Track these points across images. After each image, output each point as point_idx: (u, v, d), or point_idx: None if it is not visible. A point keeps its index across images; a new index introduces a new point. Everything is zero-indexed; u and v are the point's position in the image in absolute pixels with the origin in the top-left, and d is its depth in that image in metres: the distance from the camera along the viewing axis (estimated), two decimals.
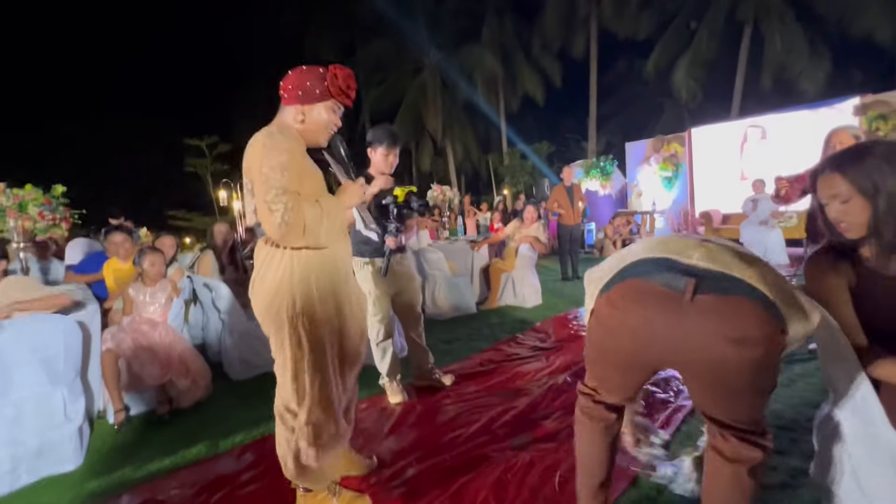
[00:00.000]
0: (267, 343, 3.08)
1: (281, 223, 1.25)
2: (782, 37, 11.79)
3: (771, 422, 2.04)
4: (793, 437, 1.90)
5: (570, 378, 2.73)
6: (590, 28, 15.56)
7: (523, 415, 2.30)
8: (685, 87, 13.36)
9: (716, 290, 1.00)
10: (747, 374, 1.00)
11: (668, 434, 1.99)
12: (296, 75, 1.42)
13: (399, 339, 3.39)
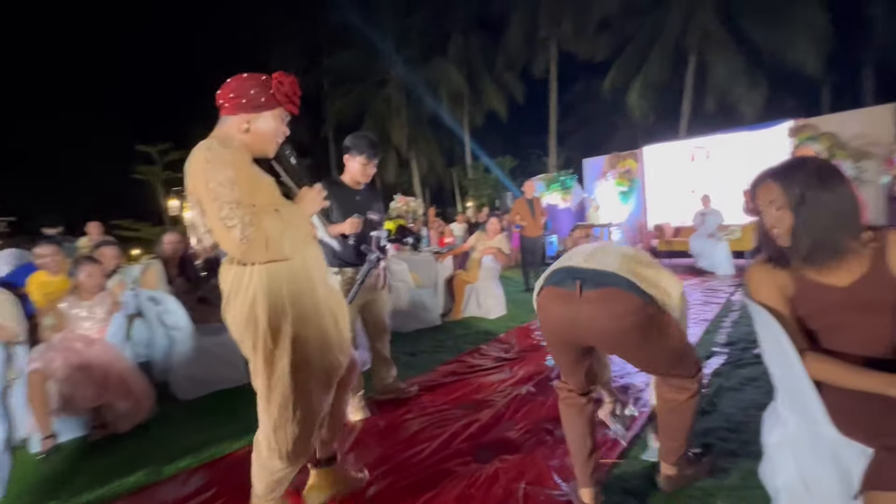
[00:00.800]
0: (220, 358, 2.97)
1: (242, 238, 1.17)
2: (724, 64, 12.72)
3: (721, 424, 2.12)
4: (744, 440, 1.98)
5: (533, 388, 2.73)
6: (550, 49, 16.18)
7: (487, 427, 2.27)
8: (638, 107, 14.09)
9: (595, 284, 1.40)
10: (634, 336, 1.39)
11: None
12: (237, 83, 1.32)
13: (362, 352, 3.30)
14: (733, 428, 2.09)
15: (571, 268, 1.47)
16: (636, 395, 2.52)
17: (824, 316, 1.18)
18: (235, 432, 2.33)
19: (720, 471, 1.75)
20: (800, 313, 1.21)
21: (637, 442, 2.03)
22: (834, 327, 1.18)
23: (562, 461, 1.91)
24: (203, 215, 1.24)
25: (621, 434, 2.06)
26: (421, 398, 2.69)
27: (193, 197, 1.24)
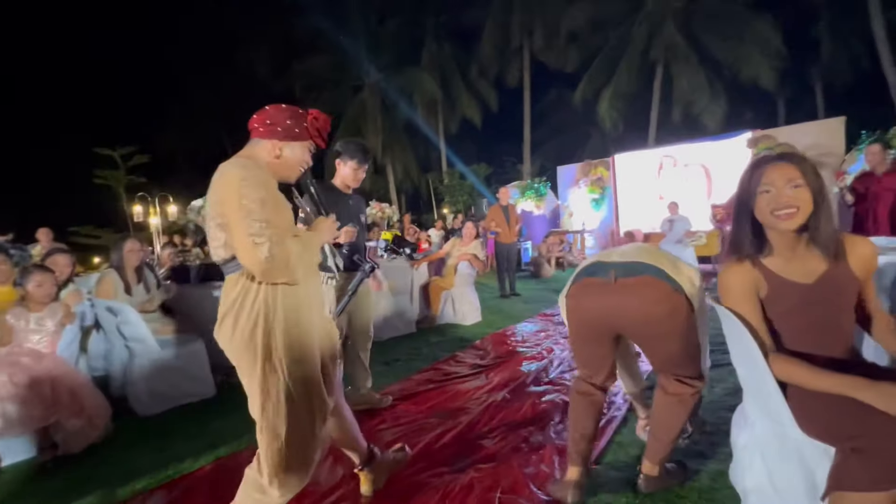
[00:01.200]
0: (183, 372, 2.83)
1: (268, 257, 1.20)
2: (687, 77, 13.28)
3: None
4: (712, 441, 2.02)
5: (508, 395, 2.72)
6: (523, 58, 16.49)
7: (462, 435, 2.24)
8: (608, 117, 14.51)
9: (628, 273, 1.56)
10: (664, 323, 1.53)
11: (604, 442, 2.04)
12: (275, 111, 1.41)
13: None
14: (702, 430, 2.13)
15: (600, 262, 1.65)
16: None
17: (791, 315, 1.22)
18: (199, 449, 2.22)
19: (691, 472, 1.78)
20: (769, 314, 1.24)
21: (610, 447, 2.04)
22: (799, 328, 1.21)
23: (537, 468, 1.89)
24: (222, 229, 1.26)
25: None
26: (395, 407, 2.64)
27: (218, 210, 1.26)
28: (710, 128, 12.88)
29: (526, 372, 3.12)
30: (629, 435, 2.14)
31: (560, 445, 2.07)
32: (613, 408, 2.43)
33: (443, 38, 17.65)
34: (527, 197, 10.30)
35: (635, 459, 1.88)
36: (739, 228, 1.23)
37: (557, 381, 2.92)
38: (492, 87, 17.54)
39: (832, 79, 15.13)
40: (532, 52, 16.20)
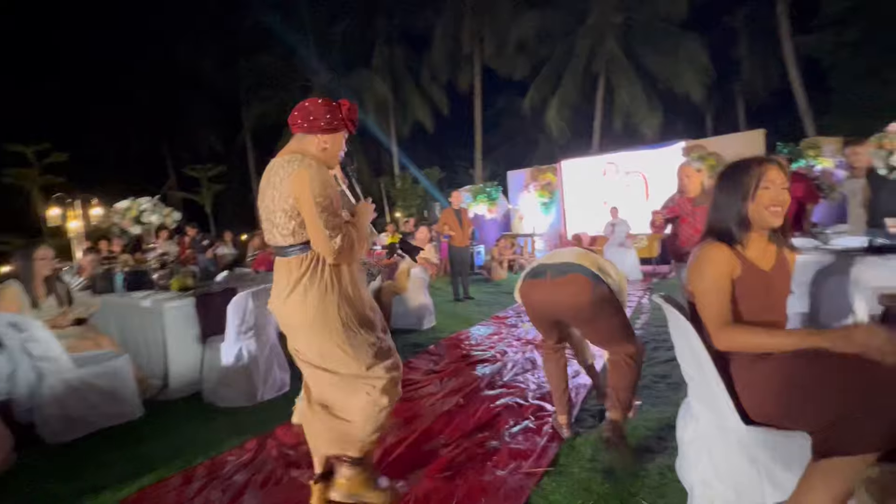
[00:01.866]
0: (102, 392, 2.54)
1: (341, 247, 1.45)
2: (627, 89, 14.07)
3: (637, 423, 2.22)
4: (660, 436, 2.08)
5: (462, 400, 2.68)
6: (474, 65, 16.72)
7: (416, 445, 2.17)
8: (555, 124, 15.04)
9: (559, 273, 1.99)
10: (590, 309, 1.93)
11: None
12: (313, 106, 1.53)
13: (280, 373, 3.03)
14: (649, 426, 2.20)
15: (542, 264, 2.10)
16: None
17: (753, 297, 1.31)
18: (120, 478, 1.99)
19: (640, 470, 1.82)
20: (735, 294, 1.31)
21: (563, 450, 2.05)
22: (755, 309, 1.31)
23: (493, 476, 1.86)
24: (292, 218, 1.46)
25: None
26: None
27: (289, 202, 1.44)
28: (648, 137, 13.70)
29: (480, 376, 3.10)
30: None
31: (516, 449, 2.05)
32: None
33: (394, 42, 17.51)
34: (479, 201, 10.40)
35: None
36: (729, 217, 1.33)
37: (511, 384, 2.92)
38: (443, 92, 17.61)
39: (751, 95, 16.64)
40: (483, 59, 16.47)
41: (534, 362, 3.33)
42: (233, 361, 2.79)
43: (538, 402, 2.57)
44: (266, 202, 1.50)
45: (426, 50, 17.05)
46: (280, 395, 2.95)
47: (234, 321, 2.77)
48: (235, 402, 2.80)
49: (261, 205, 1.52)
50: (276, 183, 1.46)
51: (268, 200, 1.49)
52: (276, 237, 1.50)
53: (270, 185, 1.48)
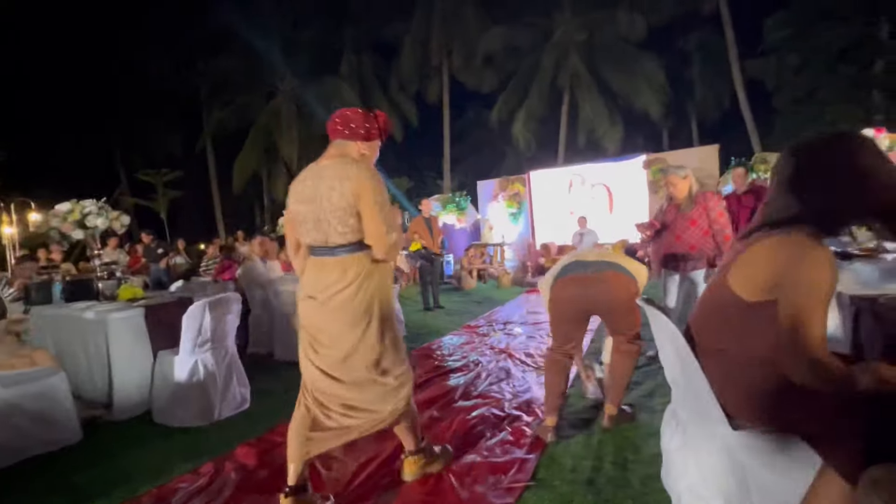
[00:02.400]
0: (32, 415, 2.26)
1: (394, 243, 1.59)
2: (590, 104, 14.59)
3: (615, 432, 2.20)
4: (636, 445, 2.06)
5: (436, 412, 2.58)
6: (442, 76, 16.88)
7: (388, 462, 2.04)
8: (522, 137, 15.36)
9: (600, 269, 2.14)
10: (626, 303, 2.09)
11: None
12: (354, 115, 1.65)
13: (240, 388, 2.83)
14: (627, 435, 2.17)
15: (578, 262, 2.21)
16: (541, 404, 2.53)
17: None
18: None
19: (622, 480, 1.78)
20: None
21: (543, 462, 1.99)
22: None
23: (471, 491, 1.77)
24: (349, 216, 1.54)
25: (597, 394, 2.59)
26: None
27: (350, 201, 1.52)
28: (610, 150, 14.21)
29: (454, 386, 3.01)
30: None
31: (495, 463, 1.97)
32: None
33: (362, 50, 17.44)
34: (448, 210, 10.39)
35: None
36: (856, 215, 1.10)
37: (486, 394, 2.85)
38: (412, 102, 17.66)
39: (704, 113, 17.65)
40: (451, 71, 16.66)
41: (508, 371, 3.27)
42: (187, 377, 2.58)
43: (515, 413, 2.50)
44: (320, 202, 1.54)
45: (395, 60, 17.07)
46: (240, 413, 2.75)
47: (190, 333, 2.56)
48: (190, 422, 2.57)
49: (301, 206, 1.60)
50: (335, 184, 1.52)
51: (323, 201, 1.54)
52: (331, 236, 1.56)
53: (327, 187, 1.53)
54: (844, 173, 1.03)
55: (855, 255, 2.43)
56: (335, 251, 1.57)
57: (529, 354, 3.65)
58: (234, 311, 2.78)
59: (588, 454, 2.00)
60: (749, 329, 1.12)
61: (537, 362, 3.44)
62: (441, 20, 15.48)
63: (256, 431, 2.44)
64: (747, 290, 1.08)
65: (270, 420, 2.58)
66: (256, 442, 2.32)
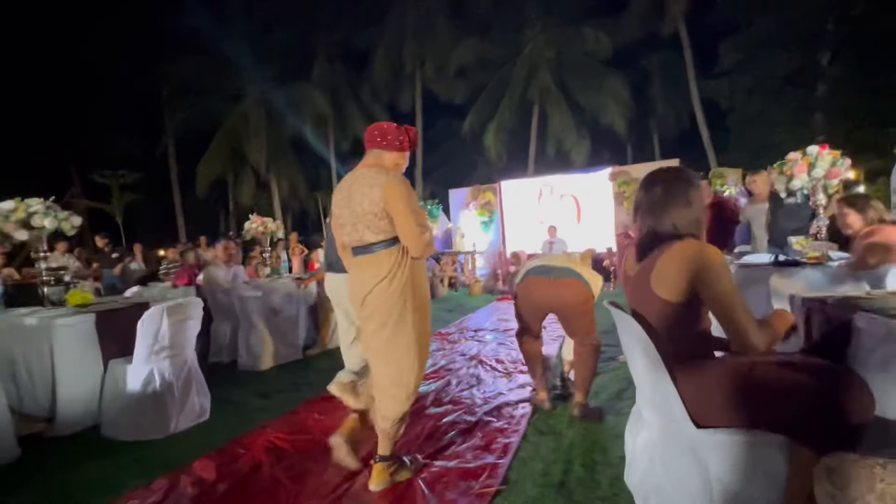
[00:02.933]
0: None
1: (427, 243, 1.75)
2: (559, 118, 15.01)
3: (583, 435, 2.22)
4: (603, 447, 2.09)
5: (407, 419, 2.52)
6: (415, 86, 16.97)
7: (357, 470, 1.98)
8: (494, 148, 15.59)
9: (561, 275, 2.39)
10: (579, 307, 2.39)
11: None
12: (389, 128, 1.84)
13: (199, 399, 2.69)
14: (594, 437, 2.20)
15: (544, 266, 2.46)
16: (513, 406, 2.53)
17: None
18: None
19: (590, 482, 1.80)
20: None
21: (514, 466, 1.99)
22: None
23: (441, 498, 1.74)
24: (381, 218, 1.71)
25: (558, 387, 2.80)
26: (276, 446, 2.26)
27: (381, 206, 1.69)
28: (578, 162, 14.63)
29: (425, 393, 2.97)
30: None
31: (466, 468, 1.95)
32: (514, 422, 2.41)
33: (335, 57, 17.33)
34: None
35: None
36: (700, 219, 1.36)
37: (457, 400, 2.83)
38: (385, 111, 17.64)
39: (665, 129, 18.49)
40: (424, 82, 16.77)
41: (479, 378, 3.27)
42: (141, 387, 2.43)
43: (486, 418, 2.49)
44: (353, 207, 1.74)
45: (367, 68, 17.04)
46: (199, 424, 2.61)
47: (146, 340, 2.42)
48: (143, 435, 2.42)
49: (341, 210, 1.80)
50: (366, 191, 1.71)
51: (355, 205, 1.73)
52: (365, 235, 1.75)
53: (359, 193, 1.73)
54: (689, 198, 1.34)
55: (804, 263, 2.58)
56: (370, 248, 1.75)
57: (500, 361, 3.66)
58: (194, 316, 2.66)
59: (558, 457, 2.01)
60: (683, 324, 1.27)
61: (508, 368, 3.45)
62: (414, 31, 15.61)
63: (216, 443, 2.32)
64: (671, 292, 1.25)
65: (231, 431, 2.46)
66: (216, 454, 2.20)
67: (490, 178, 15.29)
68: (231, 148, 16.24)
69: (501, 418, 2.49)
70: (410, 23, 15.60)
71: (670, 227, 1.31)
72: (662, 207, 1.32)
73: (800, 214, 3.64)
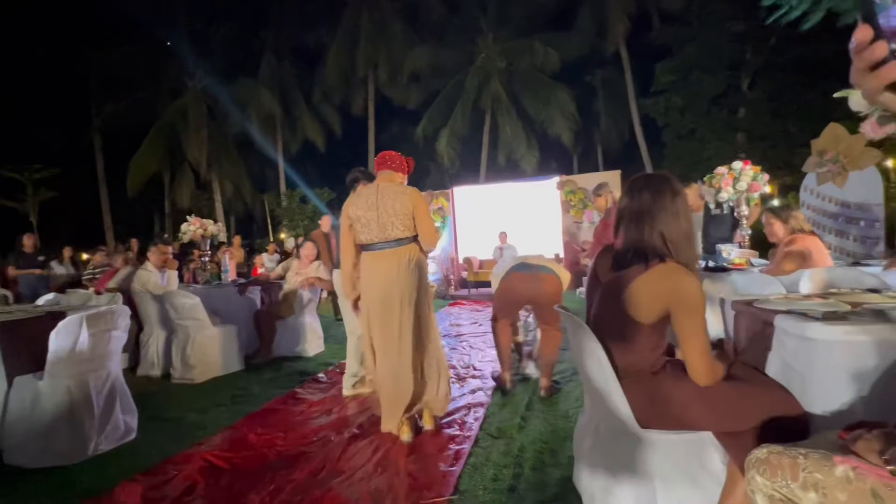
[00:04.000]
0: None
1: (439, 237, 2.17)
2: (510, 127, 15.43)
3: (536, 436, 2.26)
4: (553, 449, 2.13)
5: (357, 430, 2.45)
6: (368, 89, 16.76)
7: (303, 486, 1.89)
8: (446, 154, 15.73)
9: (539, 271, 2.86)
10: (553, 299, 2.75)
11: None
12: (396, 155, 2.46)
13: (124, 416, 2.45)
14: (544, 439, 2.25)
15: (525, 263, 2.93)
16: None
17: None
18: None
19: (540, 484, 1.82)
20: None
21: (465, 473, 1.97)
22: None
23: None
24: (408, 219, 2.26)
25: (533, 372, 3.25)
26: (213, 465, 2.10)
27: (409, 210, 2.25)
28: (528, 171, 15.10)
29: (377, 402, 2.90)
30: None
31: (417, 479, 1.91)
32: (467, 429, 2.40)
33: (284, 55, 16.74)
34: None
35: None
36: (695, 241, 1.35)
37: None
38: (336, 113, 17.28)
39: (608, 142, 19.55)
40: (377, 85, 16.61)
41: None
42: (54, 406, 2.17)
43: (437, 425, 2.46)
44: (384, 210, 2.23)
45: (319, 68, 16.62)
46: (124, 444, 2.38)
47: (60, 353, 2.17)
48: (56, 460, 2.16)
49: (365, 213, 2.25)
50: (397, 197, 2.24)
51: (387, 209, 2.23)
52: (394, 232, 2.24)
53: (390, 199, 2.23)
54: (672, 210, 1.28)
55: (730, 269, 2.80)
56: (399, 242, 2.26)
57: (452, 367, 3.65)
58: (120, 326, 2.42)
59: (508, 461, 2.03)
60: (647, 344, 1.28)
61: (460, 374, 3.45)
62: (367, 34, 15.44)
63: (144, 465, 2.12)
64: (644, 315, 1.24)
65: (162, 450, 2.27)
66: (143, 477, 2.01)
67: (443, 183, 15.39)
68: (168, 144, 15.20)
69: (453, 425, 2.47)
70: (364, 26, 15.42)
71: (658, 239, 1.24)
72: (651, 216, 1.25)
73: (725, 224, 3.97)
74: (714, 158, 10.40)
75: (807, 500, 0.77)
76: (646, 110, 14.36)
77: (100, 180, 16.18)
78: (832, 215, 4.88)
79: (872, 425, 0.85)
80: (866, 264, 2.90)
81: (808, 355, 1.15)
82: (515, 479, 1.87)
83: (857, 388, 1.09)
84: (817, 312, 1.21)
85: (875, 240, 4.58)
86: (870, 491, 0.73)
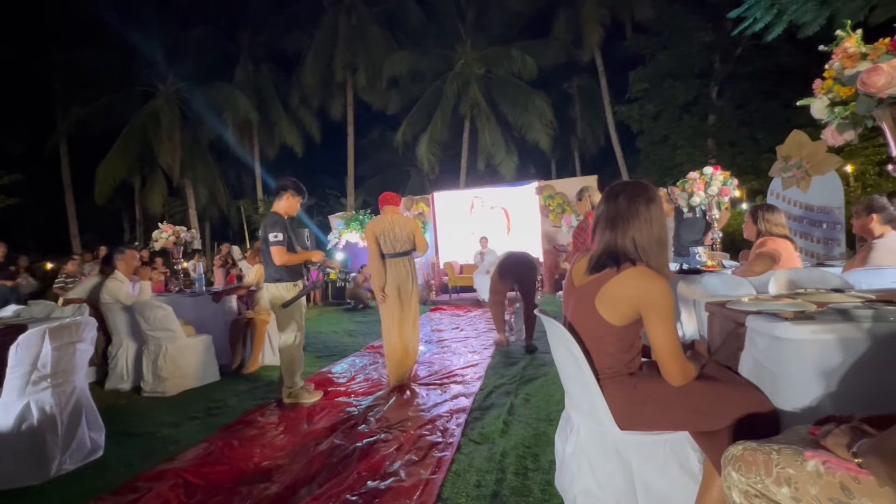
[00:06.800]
0: None
1: (427, 247, 3.45)
2: (489, 133, 15.57)
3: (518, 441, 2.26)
4: (534, 453, 2.14)
5: (336, 441, 2.40)
6: (347, 95, 16.66)
7: (289, 494, 1.84)
8: (426, 159, 15.75)
9: (522, 257, 4.56)
10: (534, 278, 4.51)
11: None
12: (396, 196, 3.54)
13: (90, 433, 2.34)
14: (526, 443, 2.25)
15: (513, 253, 4.46)
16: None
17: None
18: None
19: (523, 489, 1.82)
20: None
21: (448, 479, 1.96)
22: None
23: None
24: (410, 238, 3.37)
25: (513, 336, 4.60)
26: (186, 481, 2.02)
27: (412, 231, 3.38)
28: (507, 177, 15.25)
29: (357, 409, 2.85)
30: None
31: (399, 487, 1.88)
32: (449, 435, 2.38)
33: (260, 59, 16.51)
34: (352, 228, 10.12)
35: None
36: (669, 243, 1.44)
37: (390, 415, 2.74)
38: (314, 118, 17.10)
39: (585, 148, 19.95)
40: (355, 90, 16.53)
41: (412, 391, 3.21)
42: (13, 425, 2.05)
43: (419, 432, 2.44)
44: (397, 233, 3.31)
45: (296, 72, 16.44)
46: (90, 462, 2.27)
47: (21, 369, 2.06)
48: (15, 482, 2.04)
49: (386, 234, 3.29)
50: (405, 225, 3.35)
51: (400, 232, 3.32)
52: (404, 247, 3.34)
53: (400, 227, 3.32)
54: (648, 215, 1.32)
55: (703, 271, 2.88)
56: (407, 254, 3.36)
57: (433, 373, 3.63)
58: (86, 339, 2.32)
59: (491, 467, 2.02)
60: (621, 346, 1.31)
61: (441, 380, 3.43)
62: (345, 39, 15.37)
63: (112, 483, 2.03)
64: (615, 317, 1.27)
65: (132, 468, 2.17)
66: (110, 496, 1.92)
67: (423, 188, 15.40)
68: (139, 149, 14.72)
69: (435, 431, 2.45)
70: (342, 31, 15.35)
71: (630, 244, 1.28)
72: (624, 221, 1.29)
73: (697, 227, 4.09)
74: (686, 164, 10.73)
75: (780, 494, 0.79)
76: (621, 117, 14.71)
77: (65, 186, 15.54)
78: (797, 218, 5.09)
79: (840, 419, 0.88)
80: (830, 265, 3.02)
81: (779, 354, 1.19)
82: (498, 485, 1.86)
83: (825, 385, 1.13)
84: (787, 313, 1.25)
85: (836, 241, 4.80)
86: (839, 484, 0.75)
